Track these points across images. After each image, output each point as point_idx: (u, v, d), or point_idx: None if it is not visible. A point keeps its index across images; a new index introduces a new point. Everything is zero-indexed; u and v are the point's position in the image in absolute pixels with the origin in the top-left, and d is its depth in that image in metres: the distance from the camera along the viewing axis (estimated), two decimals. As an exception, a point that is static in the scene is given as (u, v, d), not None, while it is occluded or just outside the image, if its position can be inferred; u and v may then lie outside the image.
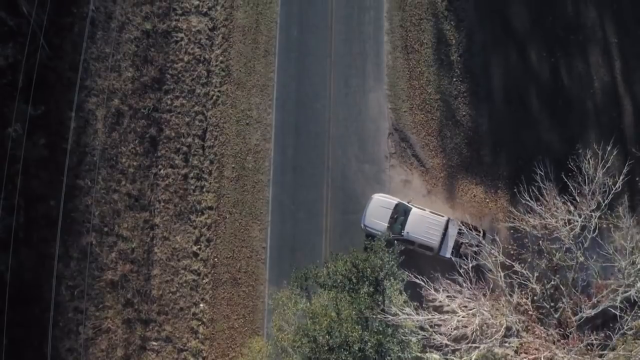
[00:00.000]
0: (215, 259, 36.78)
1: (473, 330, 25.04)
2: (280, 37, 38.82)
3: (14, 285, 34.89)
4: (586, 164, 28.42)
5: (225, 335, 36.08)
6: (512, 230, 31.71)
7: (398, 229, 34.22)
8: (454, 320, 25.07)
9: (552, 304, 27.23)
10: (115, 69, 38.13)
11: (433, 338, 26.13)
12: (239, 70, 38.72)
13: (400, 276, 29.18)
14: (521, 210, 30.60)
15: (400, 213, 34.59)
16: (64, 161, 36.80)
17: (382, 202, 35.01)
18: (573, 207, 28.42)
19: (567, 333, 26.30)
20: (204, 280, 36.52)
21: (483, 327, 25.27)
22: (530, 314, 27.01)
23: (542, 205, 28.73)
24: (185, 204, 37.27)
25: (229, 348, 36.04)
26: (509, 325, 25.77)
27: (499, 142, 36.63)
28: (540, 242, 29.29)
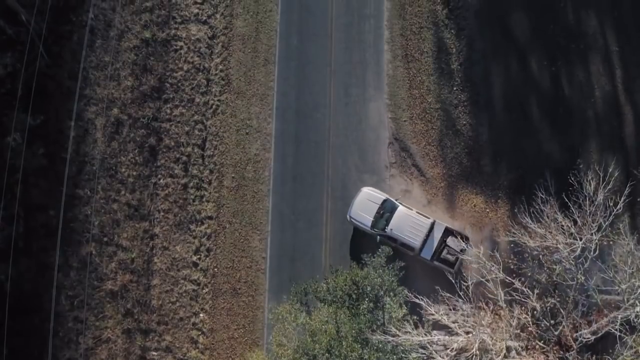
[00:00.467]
0: (215, 269, 36.70)
1: (473, 354, 25.02)
2: (280, 46, 38.58)
3: (14, 294, 35.05)
4: (587, 185, 28.30)
5: (225, 345, 36.05)
6: (513, 245, 31.62)
7: (382, 225, 34.20)
8: (454, 344, 25.06)
9: (552, 321, 27.21)
10: (114, 77, 38.04)
11: (432, 357, 26.10)
12: (239, 79, 38.52)
13: (401, 293, 29.14)
14: (521, 222, 30.42)
15: (387, 209, 34.48)
16: (63, 170, 36.88)
17: (370, 196, 34.85)
18: (573, 224, 28.27)
19: (567, 356, 26.26)
20: (203, 290, 36.48)
21: (482, 352, 25.28)
22: (530, 329, 26.99)
23: (543, 227, 28.60)
24: (185, 214, 37.18)
25: (229, 358, 36.01)
26: (509, 346, 25.76)
27: (500, 152, 36.43)
28: (541, 257, 29.21)
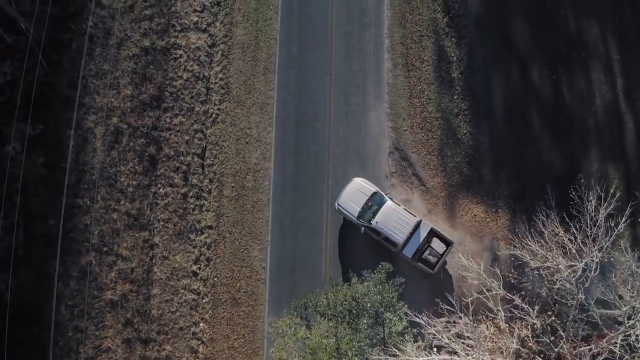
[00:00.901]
0: (215, 279, 36.65)
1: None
2: (280, 54, 38.44)
3: (14, 304, 35.05)
4: (588, 205, 28.23)
5: (225, 355, 36.03)
6: (513, 258, 31.57)
7: (369, 217, 34.34)
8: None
9: (552, 337, 27.22)
10: (114, 86, 37.94)
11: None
12: (239, 87, 38.37)
13: (401, 309, 29.15)
14: (522, 241, 30.33)
15: (376, 202, 34.57)
16: (63, 180, 36.83)
17: (361, 187, 34.91)
18: (573, 238, 28.24)
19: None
20: (203, 300, 36.45)
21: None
22: (530, 345, 27.02)
23: (544, 248, 28.57)
24: (184, 223, 37.11)
25: (229, 368, 36.10)
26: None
27: (500, 161, 36.38)
28: (541, 270, 29.17)
